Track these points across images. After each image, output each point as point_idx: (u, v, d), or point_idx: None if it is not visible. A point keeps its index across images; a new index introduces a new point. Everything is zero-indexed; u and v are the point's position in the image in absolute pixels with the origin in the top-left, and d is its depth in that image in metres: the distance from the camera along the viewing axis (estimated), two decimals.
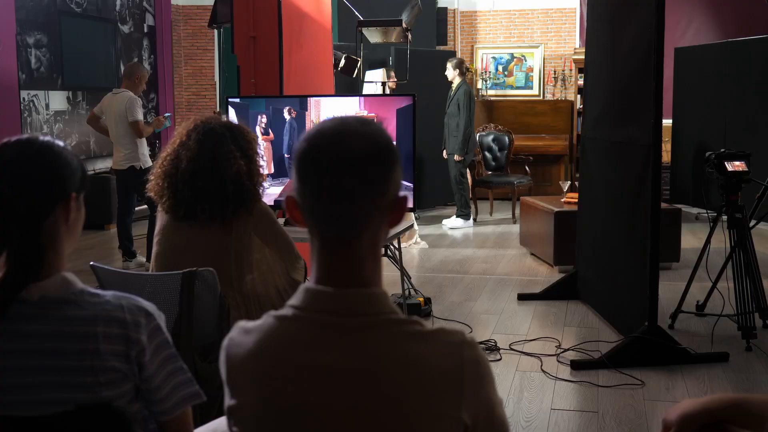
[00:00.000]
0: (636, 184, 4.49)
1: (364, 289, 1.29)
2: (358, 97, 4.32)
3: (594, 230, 5.36)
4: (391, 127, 4.20)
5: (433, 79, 9.19)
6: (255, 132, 4.32)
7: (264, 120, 4.33)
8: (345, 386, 1.24)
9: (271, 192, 4.37)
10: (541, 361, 4.42)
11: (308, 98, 4.35)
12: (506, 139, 9.72)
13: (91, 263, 2.91)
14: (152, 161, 7.64)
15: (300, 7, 5.98)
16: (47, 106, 9.44)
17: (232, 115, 4.37)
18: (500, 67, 11.16)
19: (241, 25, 5.73)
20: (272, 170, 4.36)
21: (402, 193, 1.34)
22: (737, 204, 4.75)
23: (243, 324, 1.37)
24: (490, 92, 11.17)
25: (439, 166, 9.21)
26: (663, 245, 6.50)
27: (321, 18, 6.41)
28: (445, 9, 10.68)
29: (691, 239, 7.52)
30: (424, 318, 5.27)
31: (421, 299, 5.33)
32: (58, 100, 9.59)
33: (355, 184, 1.25)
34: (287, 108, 4.32)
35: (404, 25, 6.10)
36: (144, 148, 6.80)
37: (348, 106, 4.27)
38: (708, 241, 4.99)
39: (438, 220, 9.15)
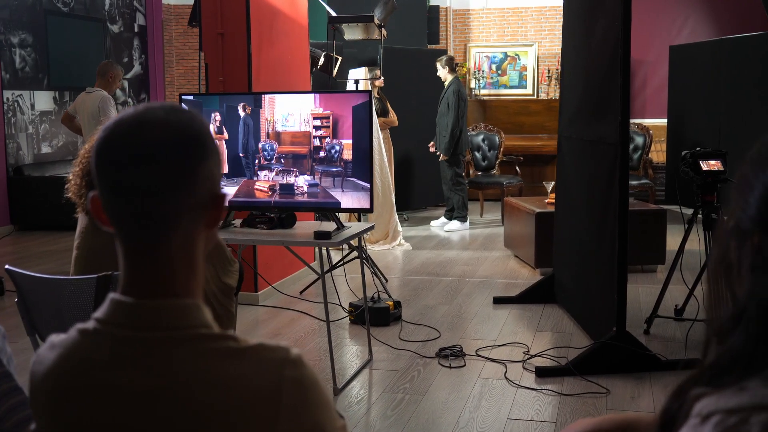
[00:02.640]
0: (606, 183, 4.33)
1: (171, 299, 1.13)
2: (313, 94, 4.16)
3: (569, 232, 5.20)
4: (347, 125, 4.05)
5: (424, 78, 9.04)
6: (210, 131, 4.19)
7: (218, 118, 4.19)
8: (143, 408, 1.09)
9: (226, 192, 4.23)
10: (506, 368, 4.26)
11: (263, 95, 4.20)
12: (496, 138, 9.55)
13: (7, 267, 2.78)
14: None
15: (271, 4, 5.84)
16: (32, 106, 9.35)
17: None
18: (494, 66, 10.99)
19: (208, 21, 5.60)
20: (226, 170, 4.22)
21: (222, 191, 1.19)
22: (713, 204, 4.58)
23: (53, 337, 1.22)
24: (484, 92, 11.00)
25: (430, 167, 9.06)
26: (647, 247, 6.40)
27: (296, 15, 6.28)
28: (437, 7, 10.53)
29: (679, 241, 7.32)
30: (393, 322, 5.12)
31: (390, 303, 5.17)
32: (43, 100, 9.50)
33: (153, 179, 1.10)
34: (242, 105, 4.18)
35: (376, 21, 5.94)
36: None
37: (303, 103, 4.12)
38: (683, 243, 4.82)
39: (427, 221, 8.99)
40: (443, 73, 8.47)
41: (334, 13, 6.18)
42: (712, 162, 4.54)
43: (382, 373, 4.28)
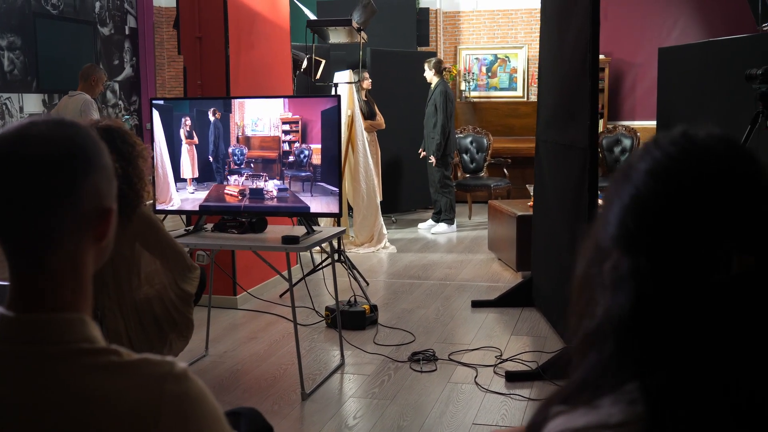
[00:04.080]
0: (577, 187, 4.33)
1: (53, 314, 1.14)
2: (282, 99, 4.16)
3: (545, 235, 5.19)
4: (315, 130, 4.05)
5: (413, 81, 9.04)
6: (180, 136, 4.20)
7: (188, 123, 4.19)
8: (16, 424, 1.09)
9: (197, 196, 4.25)
10: (477, 372, 4.26)
11: (232, 100, 4.20)
12: (484, 141, 9.55)
13: None
14: None
15: (250, 7, 5.85)
16: (21, 109, 9.35)
17: (156, 118, 4.23)
18: (484, 68, 10.98)
19: (186, 25, 5.60)
20: (197, 174, 4.22)
21: (110, 205, 1.19)
22: None
23: None
24: (474, 94, 11.00)
25: (418, 169, 9.06)
26: None
27: (277, 18, 6.28)
28: (426, 9, 10.52)
29: None
30: (369, 326, 5.12)
31: (367, 306, 5.17)
32: (32, 102, 9.50)
33: (33, 194, 1.10)
34: (212, 109, 4.18)
35: (355, 24, 5.94)
36: None
37: (272, 108, 4.12)
38: None
39: (415, 223, 9.00)
40: (430, 75, 8.47)
41: (313, 17, 6.18)
42: None
43: (353, 377, 4.28)
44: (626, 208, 0.95)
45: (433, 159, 8.38)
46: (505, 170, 9.50)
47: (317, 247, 5.51)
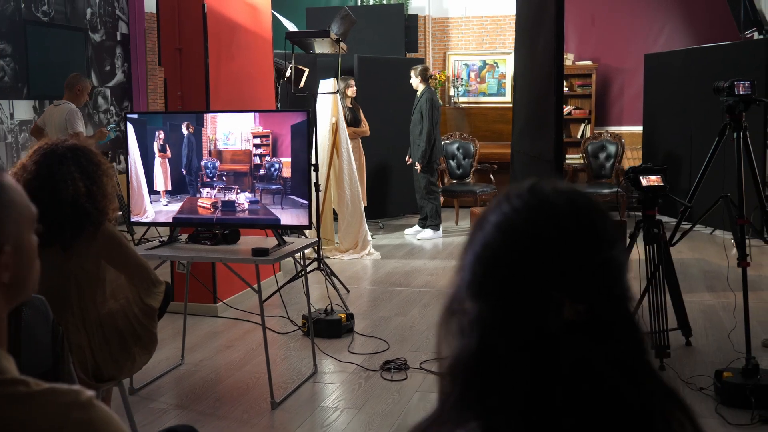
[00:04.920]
0: None
1: None
2: (253, 113, 4.24)
3: None
4: (285, 143, 4.13)
5: (401, 87, 9.10)
6: (153, 149, 4.28)
7: (162, 136, 4.27)
8: None
9: (171, 209, 4.32)
10: None
11: (204, 114, 4.28)
12: (471, 147, 9.62)
13: None
14: None
15: (231, 18, 5.92)
16: (12, 115, 9.43)
17: (131, 132, 4.31)
18: (472, 74, 11.06)
19: (166, 36, 5.68)
20: (170, 187, 4.30)
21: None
22: (654, 219, 4.64)
23: None
24: (462, 99, 11.07)
25: (406, 175, 9.12)
26: None
27: (258, 29, 6.36)
28: (415, 16, 10.59)
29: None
30: (345, 334, 5.20)
31: (343, 315, 5.24)
32: (23, 109, 9.57)
33: None
34: (185, 123, 4.26)
35: (333, 36, 6.02)
36: None
37: (244, 122, 4.20)
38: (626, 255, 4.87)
39: (402, 229, 9.07)
40: (416, 82, 8.54)
41: (293, 28, 6.25)
42: (653, 178, 4.60)
43: (324, 386, 4.36)
44: (476, 257, 1.02)
45: (418, 165, 8.45)
46: (491, 176, 9.57)
47: (300, 254, 5.61)
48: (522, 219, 1.01)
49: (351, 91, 8.24)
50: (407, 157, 8.78)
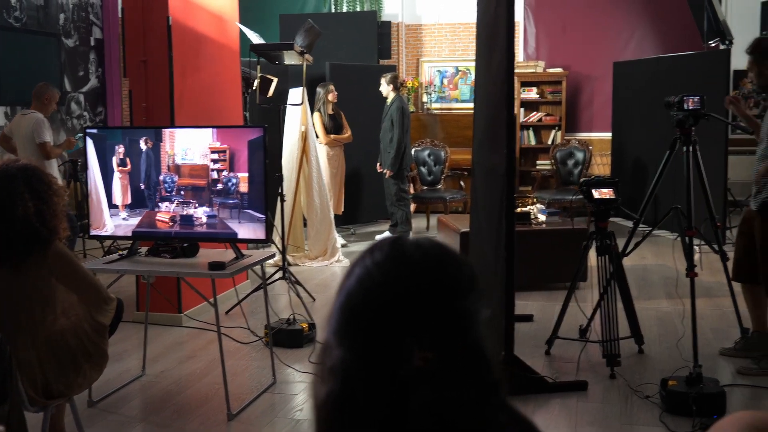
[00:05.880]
0: (498, 211, 4.50)
1: None
2: (211, 129, 4.31)
3: (477, 253, 5.36)
4: (242, 159, 4.20)
5: (373, 94, 9.17)
6: (113, 164, 4.34)
7: (121, 150, 4.34)
8: None
9: (130, 223, 4.39)
10: None
11: (163, 129, 4.35)
12: (441, 153, 9.72)
13: None
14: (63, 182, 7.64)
15: (196, 30, 5.98)
16: None
17: (90, 146, 4.37)
18: (445, 80, 11.16)
19: (132, 48, 5.74)
20: (129, 201, 4.37)
21: None
22: (606, 231, 4.75)
23: None
24: (435, 105, 11.17)
25: (378, 181, 9.20)
26: (570, 265, 6.57)
27: (225, 39, 6.42)
28: (388, 23, 10.67)
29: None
30: (307, 344, 5.27)
31: (305, 325, 5.32)
32: None
33: None
34: (144, 138, 4.33)
35: (298, 48, 6.09)
36: (53, 170, 6.80)
37: (201, 137, 4.27)
38: (578, 268, 4.99)
39: (374, 235, 9.15)
40: (386, 89, 8.62)
41: (258, 40, 6.32)
42: (604, 190, 4.72)
43: (282, 396, 4.43)
44: (341, 306, 1.11)
45: (387, 172, 8.54)
46: (461, 182, 9.67)
47: (271, 261, 5.67)
48: (380, 272, 1.09)
49: (332, 96, 8.33)
50: (378, 164, 8.85)
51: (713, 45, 8.52)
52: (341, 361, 1.08)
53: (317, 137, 8.29)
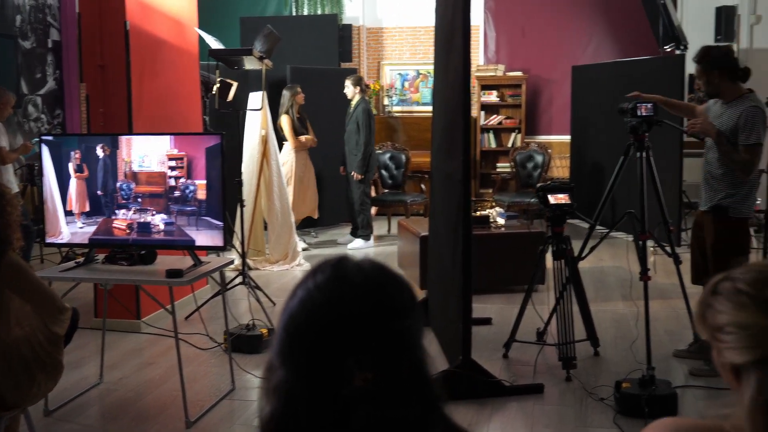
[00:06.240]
0: (455, 216, 4.54)
1: None
2: (168, 136, 4.30)
3: (436, 257, 5.41)
4: (200, 166, 4.20)
5: (334, 97, 9.19)
6: (69, 170, 4.31)
7: (78, 157, 4.31)
8: None
9: (87, 230, 4.36)
10: None
11: (119, 136, 4.33)
12: (403, 156, 9.77)
13: None
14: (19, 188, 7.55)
15: (154, 35, 5.95)
16: None
17: (46, 153, 4.34)
18: (406, 84, 11.21)
19: (88, 53, 5.69)
20: (86, 208, 4.34)
21: None
22: (562, 235, 4.82)
23: None
24: (396, 108, 11.22)
25: (339, 185, 9.21)
26: (527, 268, 6.65)
27: (184, 44, 6.40)
28: (350, 26, 10.69)
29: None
30: (266, 350, 5.26)
31: (265, 330, 5.32)
32: None
33: None
34: (101, 145, 4.30)
35: (257, 53, 6.09)
36: (9, 175, 6.72)
37: (159, 145, 4.26)
38: (534, 273, 5.06)
39: (336, 238, 9.16)
40: (351, 91, 8.62)
41: (218, 45, 6.31)
42: (560, 196, 4.79)
43: (241, 403, 4.43)
44: (284, 327, 1.14)
45: (356, 175, 8.55)
46: (422, 186, 9.72)
47: (231, 265, 5.66)
48: (322, 294, 1.12)
49: (300, 98, 8.34)
50: (341, 168, 8.86)
51: (669, 50, 8.67)
52: (284, 382, 1.11)
53: (285, 140, 8.29)
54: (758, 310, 1.16)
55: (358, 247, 8.71)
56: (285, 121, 8.29)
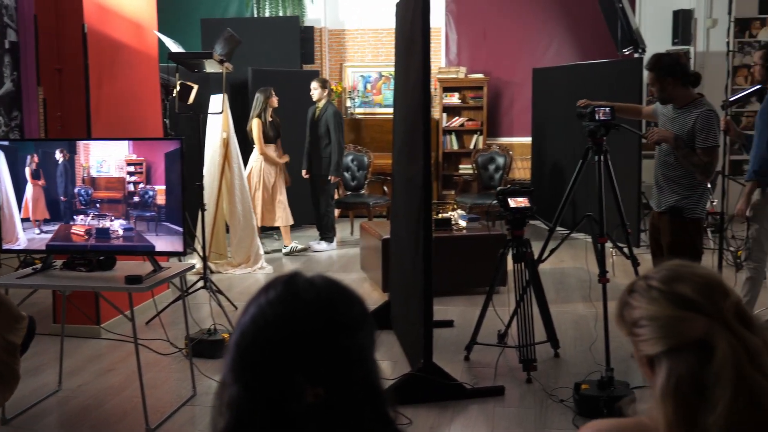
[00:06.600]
0: (416, 220, 4.56)
1: None
2: (126, 141, 4.26)
3: (398, 260, 5.43)
4: (159, 171, 4.17)
5: (295, 99, 9.16)
6: (25, 175, 4.26)
7: (36, 160, 4.25)
8: None
9: (44, 236, 4.31)
10: None
11: (77, 142, 4.29)
12: (365, 159, 9.78)
13: None
14: None
15: (113, 37, 5.90)
16: None
17: (1, 158, 4.27)
18: (368, 86, 11.22)
19: (46, 56, 5.62)
20: (45, 213, 4.29)
21: None
22: (522, 239, 4.87)
23: None
24: (359, 110, 11.23)
25: (301, 187, 9.17)
26: (489, 271, 6.69)
27: (143, 47, 6.34)
28: (311, 28, 10.68)
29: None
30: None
31: (227, 335, 5.30)
32: None
33: None
34: (59, 150, 4.25)
35: (217, 57, 6.06)
36: None
37: (117, 150, 4.22)
38: (494, 275, 5.11)
39: (298, 240, 9.13)
40: (319, 93, 8.57)
41: (177, 48, 6.27)
42: (520, 199, 4.83)
43: (202, 409, 4.41)
44: (235, 343, 1.15)
45: (332, 178, 8.54)
46: (384, 188, 9.74)
47: (193, 270, 5.61)
48: (272, 311, 1.13)
49: (274, 101, 8.28)
50: (304, 171, 8.82)
51: (627, 53, 8.79)
52: (236, 397, 1.11)
53: (253, 143, 8.25)
54: (668, 303, 1.27)
55: (322, 250, 8.70)
56: (255, 125, 8.24)
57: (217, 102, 7.26)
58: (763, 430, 1.17)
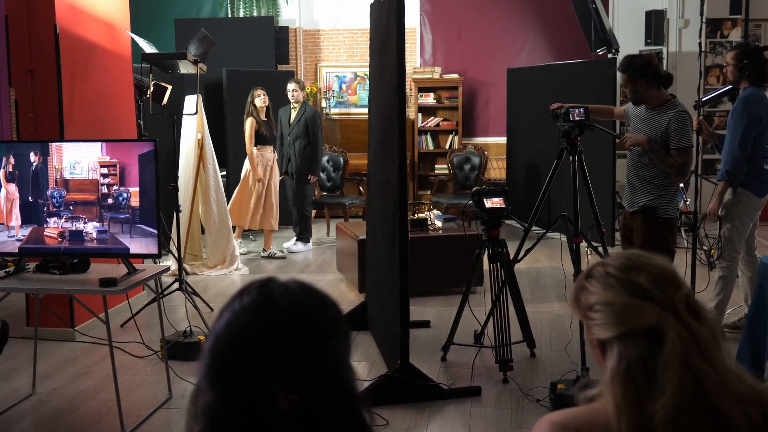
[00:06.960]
0: (392, 221, 4.57)
1: None
2: (99, 143, 4.23)
3: (375, 261, 5.43)
4: (133, 173, 4.14)
5: (272, 100, 9.11)
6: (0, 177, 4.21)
7: (12, 161, 4.21)
8: None
9: (17, 239, 4.26)
10: None
11: (50, 143, 4.25)
12: (341, 159, 9.78)
13: None
14: None
15: (86, 38, 5.84)
16: None
17: None
18: (344, 86, 11.22)
19: (17, 57, 5.56)
20: (18, 216, 4.24)
21: None
22: (497, 239, 4.89)
23: None
24: (334, 111, 11.22)
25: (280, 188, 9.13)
26: (465, 271, 6.72)
27: (116, 47, 6.29)
28: (286, 28, 10.66)
29: None
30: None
31: (202, 337, 5.27)
32: None
33: None
34: (34, 151, 4.21)
35: (191, 57, 6.03)
36: None
37: (90, 151, 4.19)
38: (471, 275, 5.12)
39: (279, 241, 9.11)
40: (300, 94, 8.54)
41: (151, 49, 6.23)
42: (495, 200, 4.85)
43: (178, 412, 4.38)
44: (210, 349, 1.14)
45: (312, 177, 8.53)
46: (360, 188, 9.74)
47: (168, 272, 5.58)
48: (246, 318, 1.13)
49: (258, 100, 8.21)
50: (284, 171, 8.76)
51: (601, 53, 8.86)
52: (211, 404, 1.11)
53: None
54: (623, 290, 1.32)
55: (298, 250, 8.68)
56: (246, 125, 8.22)
57: (192, 103, 7.22)
58: (708, 417, 1.22)
